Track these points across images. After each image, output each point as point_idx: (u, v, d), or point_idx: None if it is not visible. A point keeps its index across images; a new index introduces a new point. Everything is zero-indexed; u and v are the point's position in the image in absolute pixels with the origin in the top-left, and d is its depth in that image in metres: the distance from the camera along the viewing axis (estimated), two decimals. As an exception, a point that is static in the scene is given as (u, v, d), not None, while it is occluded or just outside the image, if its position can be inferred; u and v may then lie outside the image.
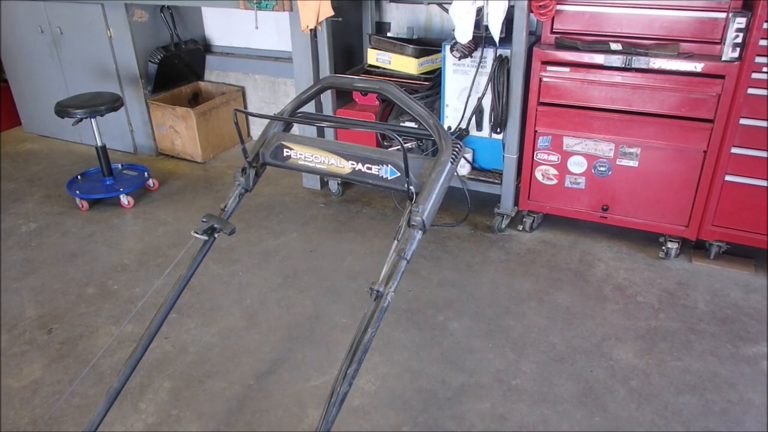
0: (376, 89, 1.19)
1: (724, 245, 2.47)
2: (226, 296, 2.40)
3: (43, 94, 3.85)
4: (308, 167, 1.34)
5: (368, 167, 1.27)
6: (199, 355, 2.09)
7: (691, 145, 2.31)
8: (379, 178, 1.27)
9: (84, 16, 3.43)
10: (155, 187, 3.30)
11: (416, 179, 1.22)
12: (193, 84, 3.85)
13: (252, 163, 1.38)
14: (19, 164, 3.68)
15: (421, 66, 2.71)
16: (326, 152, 1.31)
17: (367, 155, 1.27)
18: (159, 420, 1.83)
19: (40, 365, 2.05)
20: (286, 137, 1.36)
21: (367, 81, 1.37)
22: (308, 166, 1.34)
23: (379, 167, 1.26)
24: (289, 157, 1.36)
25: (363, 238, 2.77)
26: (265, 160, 1.39)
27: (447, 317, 2.23)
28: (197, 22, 3.83)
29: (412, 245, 1.16)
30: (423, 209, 1.16)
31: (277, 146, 1.36)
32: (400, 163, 1.22)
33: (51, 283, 2.50)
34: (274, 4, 2.72)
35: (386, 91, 1.25)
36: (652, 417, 1.79)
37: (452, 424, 1.79)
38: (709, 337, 2.11)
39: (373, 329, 1.12)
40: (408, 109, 1.26)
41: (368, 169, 1.27)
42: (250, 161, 1.38)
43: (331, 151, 1.30)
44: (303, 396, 1.90)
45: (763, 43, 2.07)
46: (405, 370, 2.00)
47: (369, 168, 1.27)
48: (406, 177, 1.19)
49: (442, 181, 1.19)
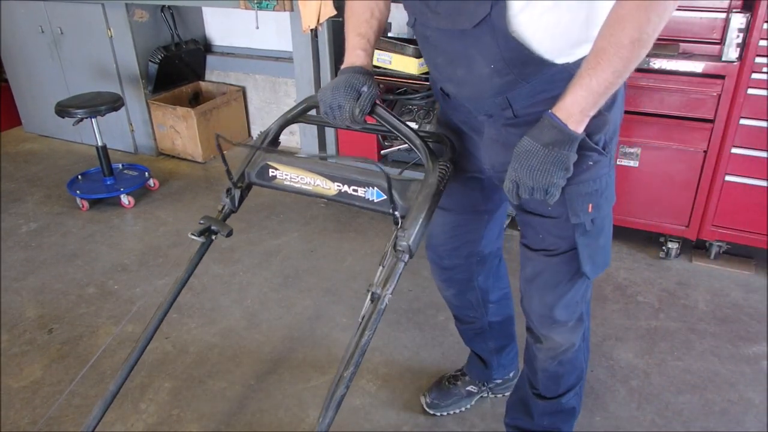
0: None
1: (724, 245, 2.47)
2: (227, 296, 2.40)
3: (43, 94, 3.85)
4: (294, 188, 1.32)
5: (354, 189, 1.25)
6: (199, 355, 2.09)
7: (691, 146, 2.31)
8: (365, 200, 1.25)
9: (84, 16, 3.43)
10: (156, 187, 3.30)
11: (403, 202, 1.20)
12: (193, 84, 3.85)
13: (237, 184, 1.37)
14: (19, 164, 3.68)
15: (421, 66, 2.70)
16: (312, 173, 1.28)
17: (353, 177, 1.25)
18: (159, 420, 1.83)
19: (40, 365, 2.05)
20: (272, 157, 1.34)
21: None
22: (294, 186, 1.31)
23: (365, 189, 1.24)
24: (275, 177, 1.33)
25: (364, 238, 2.77)
26: (250, 179, 1.37)
27: (448, 317, 2.23)
28: (198, 22, 3.83)
29: (397, 273, 1.15)
30: (408, 234, 1.14)
31: (263, 166, 1.34)
32: (386, 185, 1.19)
33: (51, 283, 2.50)
34: (274, 4, 2.72)
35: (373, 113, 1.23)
36: (653, 417, 1.80)
37: (453, 424, 1.79)
38: (709, 336, 2.11)
39: (370, 331, 1.12)
40: (392, 128, 1.24)
41: (354, 191, 1.25)
42: (235, 182, 1.36)
43: (317, 172, 1.28)
44: (304, 396, 1.90)
45: (763, 43, 2.07)
46: (405, 370, 2.00)
47: (355, 190, 1.25)
48: (390, 203, 1.18)
49: (429, 204, 1.18)
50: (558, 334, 1.38)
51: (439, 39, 1.14)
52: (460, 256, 1.56)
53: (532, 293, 1.36)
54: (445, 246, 1.57)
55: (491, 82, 1.12)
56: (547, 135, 1.03)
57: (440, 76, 1.25)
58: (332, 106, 1.22)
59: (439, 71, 1.23)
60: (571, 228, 1.21)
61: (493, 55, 1.07)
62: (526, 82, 1.10)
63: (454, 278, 1.62)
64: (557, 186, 1.05)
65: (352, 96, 1.19)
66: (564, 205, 1.18)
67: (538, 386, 1.50)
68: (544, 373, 1.47)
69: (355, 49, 1.26)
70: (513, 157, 1.08)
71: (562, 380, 1.47)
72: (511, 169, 1.08)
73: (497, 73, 1.10)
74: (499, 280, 1.68)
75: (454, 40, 1.11)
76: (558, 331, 1.38)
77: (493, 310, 1.68)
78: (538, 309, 1.36)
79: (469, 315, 1.70)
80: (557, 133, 1.02)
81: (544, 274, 1.31)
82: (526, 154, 1.05)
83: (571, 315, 1.35)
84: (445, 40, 1.13)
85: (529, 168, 1.05)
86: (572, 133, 1.02)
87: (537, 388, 1.51)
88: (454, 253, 1.56)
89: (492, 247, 1.60)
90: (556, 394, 1.49)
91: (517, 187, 1.09)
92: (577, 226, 1.21)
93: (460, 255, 1.56)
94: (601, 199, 1.21)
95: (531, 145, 1.04)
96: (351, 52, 1.26)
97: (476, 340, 1.76)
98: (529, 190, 1.07)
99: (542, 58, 1.06)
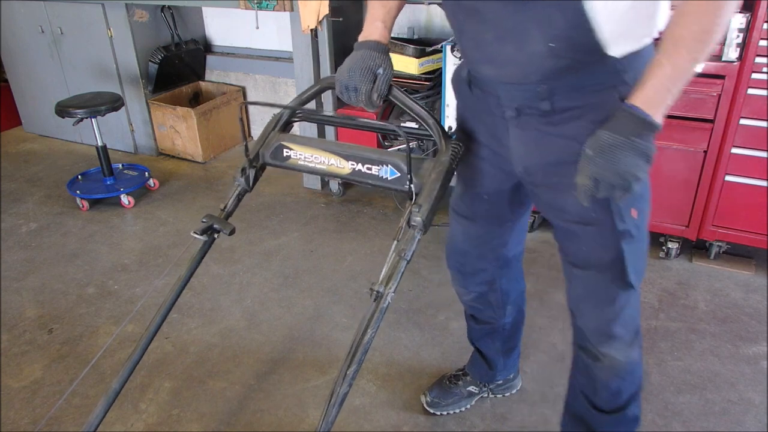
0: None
1: (724, 245, 2.47)
2: (227, 296, 2.40)
3: (43, 94, 3.85)
4: (308, 167, 1.34)
5: (368, 168, 1.27)
6: (199, 355, 2.09)
7: (691, 146, 2.31)
8: (379, 178, 1.26)
9: (84, 16, 3.43)
10: (156, 187, 3.30)
11: (416, 179, 1.22)
12: (193, 84, 3.85)
13: (252, 163, 1.38)
14: (19, 164, 3.68)
15: (421, 66, 2.71)
16: (326, 152, 1.30)
17: (367, 155, 1.27)
18: (159, 420, 1.83)
19: (40, 365, 2.05)
20: (286, 137, 1.36)
21: None
22: (308, 166, 1.33)
23: (380, 167, 1.25)
24: (289, 157, 1.35)
25: (364, 238, 2.77)
26: (265, 160, 1.39)
27: (448, 317, 2.23)
28: (198, 22, 3.83)
29: (412, 246, 1.16)
30: (423, 210, 1.16)
31: (277, 146, 1.36)
32: (400, 163, 1.22)
33: (51, 283, 2.50)
34: (274, 4, 2.72)
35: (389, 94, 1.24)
36: (653, 417, 1.80)
37: (453, 424, 1.79)
38: (709, 336, 2.11)
39: (372, 330, 1.12)
40: (407, 109, 1.26)
41: (368, 169, 1.27)
42: (251, 160, 1.37)
43: (331, 151, 1.30)
44: (304, 396, 1.90)
45: (763, 43, 2.07)
46: (406, 370, 2.00)
47: (369, 168, 1.27)
48: (408, 175, 1.19)
49: (442, 182, 1.19)
50: (617, 351, 1.33)
51: (493, 10, 1.05)
52: (483, 262, 1.53)
53: (587, 311, 1.32)
54: (468, 254, 1.53)
55: (542, 65, 1.05)
56: (630, 126, 0.98)
57: (479, 56, 1.16)
58: (348, 88, 1.20)
59: (481, 50, 1.13)
60: (616, 236, 1.16)
61: (556, 32, 1.01)
62: (575, 71, 1.05)
63: (476, 283, 1.58)
64: (639, 181, 0.99)
65: (368, 79, 1.17)
66: (608, 211, 1.13)
67: (599, 403, 1.44)
68: (605, 390, 1.41)
69: (375, 21, 1.23)
70: (591, 154, 1.01)
71: (624, 393, 1.41)
72: (590, 165, 1.01)
73: (553, 54, 1.03)
74: (518, 281, 1.65)
75: (511, 11, 1.03)
76: (617, 348, 1.32)
77: (509, 310, 1.66)
78: (595, 327, 1.32)
79: (487, 315, 1.66)
80: (640, 124, 0.97)
81: (596, 290, 1.26)
82: (610, 148, 0.98)
83: (629, 329, 1.31)
84: (500, 11, 1.04)
85: (614, 162, 0.98)
86: (654, 122, 0.97)
87: (598, 405, 1.45)
88: (478, 259, 1.53)
89: (516, 251, 1.56)
90: (619, 406, 1.43)
91: (596, 185, 1.01)
92: (622, 234, 1.16)
93: (483, 261, 1.53)
94: (644, 203, 1.18)
95: (613, 138, 0.98)
96: (371, 23, 1.23)
97: (486, 339, 1.74)
98: (610, 188, 1.00)
99: (599, 44, 1.01)
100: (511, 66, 1.10)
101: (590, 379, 1.43)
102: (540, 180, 1.22)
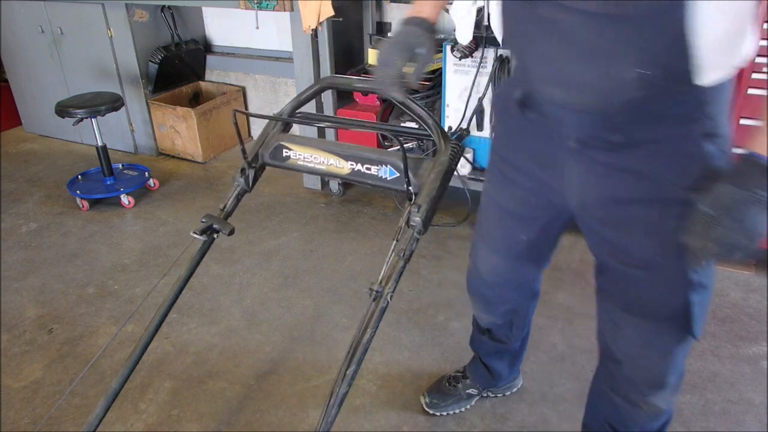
0: (375, 90, 1.19)
1: (724, 245, 2.46)
2: (227, 296, 2.40)
3: (43, 94, 3.85)
4: (307, 168, 1.34)
5: (367, 168, 1.27)
6: (199, 355, 2.09)
7: (691, 145, 2.31)
8: (379, 178, 1.26)
9: (84, 16, 3.43)
10: (156, 187, 3.30)
11: (415, 180, 1.22)
12: (193, 84, 3.85)
13: (251, 164, 1.38)
14: (19, 164, 3.68)
15: (421, 66, 2.70)
16: (325, 153, 1.31)
17: (366, 156, 1.27)
18: (159, 420, 1.83)
19: (40, 365, 2.05)
20: (285, 137, 1.36)
21: (366, 81, 1.36)
22: (307, 166, 1.34)
23: (379, 168, 1.26)
24: (289, 157, 1.35)
25: (364, 238, 2.77)
26: (264, 160, 1.39)
27: (448, 317, 2.23)
28: (198, 22, 3.83)
29: (411, 246, 1.16)
30: (422, 210, 1.16)
31: (276, 146, 1.36)
32: (399, 163, 1.22)
33: (51, 283, 2.50)
34: (274, 4, 2.72)
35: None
36: (653, 417, 1.79)
37: (452, 424, 1.79)
38: (709, 336, 2.11)
39: (372, 330, 1.12)
40: (407, 109, 1.26)
41: (367, 169, 1.27)
42: (250, 161, 1.37)
43: (330, 151, 1.30)
44: (304, 396, 1.90)
45: (763, 43, 2.07)
46: (406, 370, 2.00)
47: (368, 168, 1.27)
48: (405, 177, 1.19)
49: (441, 182, 1.19)
50: (662, 399, 1.24)
51: (578, 26, 0.88)
52: (512, 294, 1.46)
53: (641, 362, 1.19)
54: (497, 286, 1.46)
55: (627, 93, 0.90)
56: (755, 176, 0.84)
57: (548, 76, 0.99)
58: (380, 63, 1.10)
59: (552, 69, 0.97)
60: (686, 285, 1.04)
61: (650, 56, 0.86)
62: (658, 101, 0.92)
63: (501, 312, 1.53)
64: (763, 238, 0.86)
65: (403, 56, 1.07)
66: (679, 256, 0.98)
67: None
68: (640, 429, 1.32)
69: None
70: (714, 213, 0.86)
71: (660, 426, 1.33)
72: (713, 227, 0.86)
73: (642, 81, 0.88)
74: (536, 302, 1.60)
75: (600, 29, 0.86)
76: (662, 396, 1.23)
77: (525, 331, 1.64)
78: (648, 378, 1.21)
79: (503, 334, 1.62)
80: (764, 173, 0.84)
81: (654, 342, 1.13)
82: (736, 205, 0.84)
83: (679, 375, 1.22)
84: (586, 27, 0.88)
85: (742, 222, 0.84)
86: None
87: None
88: (506, 291, 1.46)
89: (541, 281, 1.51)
90: None
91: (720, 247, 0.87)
92: (693, 284, 1.03)
93: (513, 293, 1.46)
94: None
95: (738, 192, 0.84)
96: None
97: (495, 356, 1.70)
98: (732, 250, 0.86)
99: (690, 72, 0.87)
100: (588, 91, 0.94)
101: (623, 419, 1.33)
102: (601, 215, 1.08)
